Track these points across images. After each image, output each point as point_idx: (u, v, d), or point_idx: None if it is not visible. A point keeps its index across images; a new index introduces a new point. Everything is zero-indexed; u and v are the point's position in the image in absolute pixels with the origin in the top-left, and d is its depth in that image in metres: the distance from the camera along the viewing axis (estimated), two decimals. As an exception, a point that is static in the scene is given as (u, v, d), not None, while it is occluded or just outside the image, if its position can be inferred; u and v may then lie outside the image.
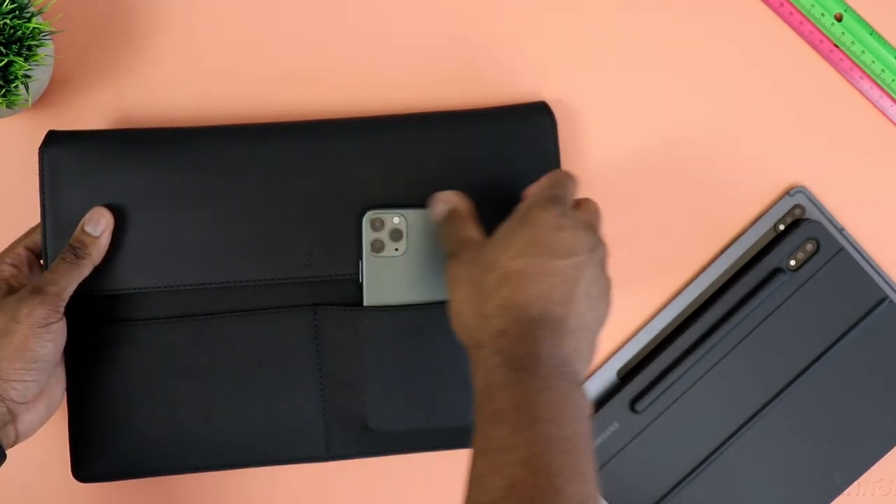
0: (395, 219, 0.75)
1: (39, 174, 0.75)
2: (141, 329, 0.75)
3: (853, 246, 0.81)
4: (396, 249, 0.75)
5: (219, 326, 0.76)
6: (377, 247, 0.75)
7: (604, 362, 0.82)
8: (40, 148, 0.75)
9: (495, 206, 0.76)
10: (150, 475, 0.76)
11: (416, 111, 0.80)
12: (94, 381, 0.75)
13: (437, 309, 0.76)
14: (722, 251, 0.82)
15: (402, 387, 0.76)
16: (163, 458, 0.76)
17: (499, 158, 0.77)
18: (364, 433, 0.77)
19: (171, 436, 0.76)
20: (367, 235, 0.75)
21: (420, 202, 0.76)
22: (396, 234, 0.75)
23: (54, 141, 0.75)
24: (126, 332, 0.75)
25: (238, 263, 0.75)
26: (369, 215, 0.75)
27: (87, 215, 0.73)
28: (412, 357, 0.76)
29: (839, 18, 0.82)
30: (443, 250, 0.71)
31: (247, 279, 0.75)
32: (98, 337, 0.75)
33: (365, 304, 0.75)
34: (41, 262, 0.76)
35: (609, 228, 0.82)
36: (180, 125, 0.80)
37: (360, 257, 0.75)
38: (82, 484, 0.80)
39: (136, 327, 0.75)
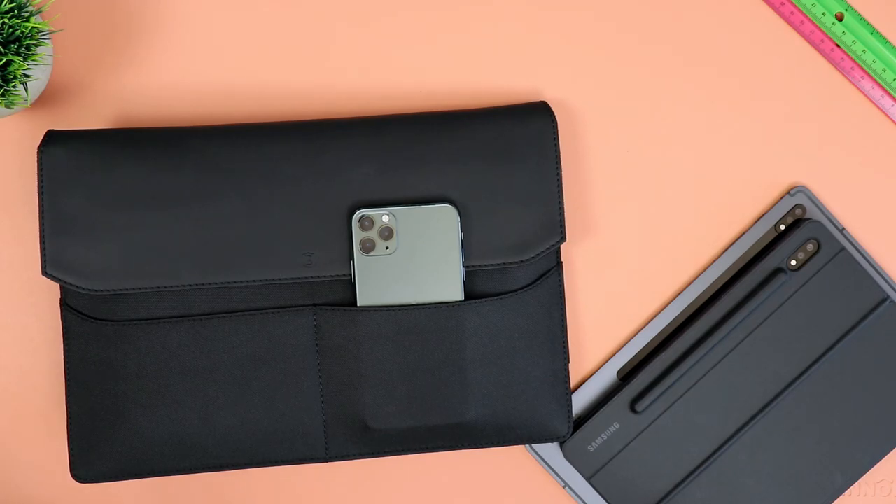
0: (384, 217, 0.75)
1: (38, 174, 0.75)
2: (140, 329, 0.75)
3: (854, 246, 0.81)
4: (387, 248, 0.75)
5: (218, 327, 0.76)
6: (367, 246, 0.75)
7: (604, 362, 0.82)
8: (39, 147, 0.75)
9: (494, 206, 0.76)
10: (149, 476, 0.76)
11: (416, 111, 0.80)
12: (93, 381, 0.75)
13: (436, 309, 0.76)
14: (722, 251, 0.82)
15: (402, 387, 0.76)
16: (161, 458, 0.76)
17: (499, 158, 0.77)
18: (364, 433, 0.77)
19: (170, 436, 0.76)
20: (357, 235, 0.75)
21: (415, 201, 0.76)
22: (387, 233, 0.75)
23: (53, 140, 0.75)
24: (125, 332, 0.75)
25: (237, 263, 0.75)
26: (358, 214, 0.75)
27: None
28: (411, 357, 0.76)
29: (840, 18, 0.82)
30: None
31: (246, 279, 0.75)
32: (97, 337, 0.75)
33: (359, 304, 0.75)
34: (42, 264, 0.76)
35: (609, 228, 0.82)
36: (180, 125, 0.80)
37: (351, 257, 0.75)
38: (81, 484, 0.80)
39: (136, 327, 0.75)
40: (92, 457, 0.76)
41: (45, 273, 0.74)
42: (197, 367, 0.76)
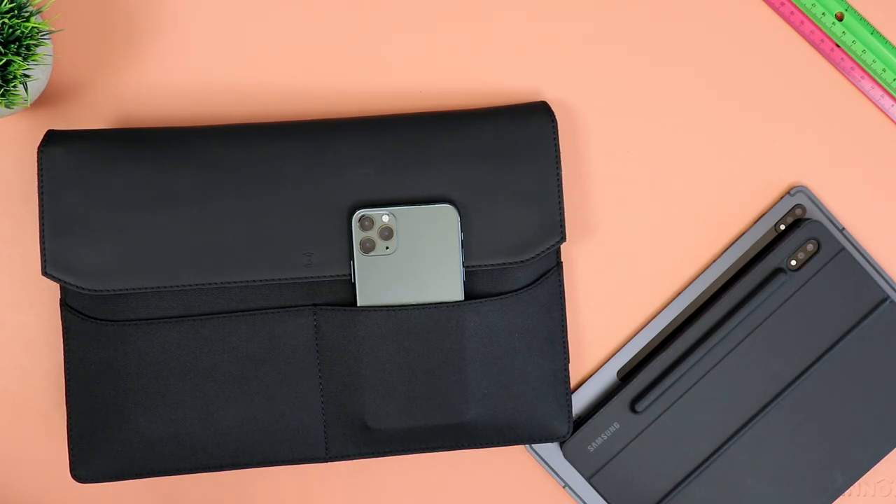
0: (384, 217, 0.75)
1: (38, 174, 0.75)
2: (140, 329, 0.75)
3: (854, 246, 0.81)
4: (387, 248, 0.75)
5: (218, 327, 0.76)
6: (367, 246, 0.75)
7: (604, 362, 0.82)
8: (39, 147, 0.75)
9: (494, 206, 0.76)
10: (149, 476, 0.76)
11: (416, 111, 0.80)
12: (93, 381, 0.75)
13: (436, 309, 0.76)
14: (722, 251, 0.82)
15: (402, 387, 0.76)
16: (161, 458, 0.76)
17: (499, 158, 0.77)
18: (363, 433, 0.77)
19: (170, 436, 0.76)
20: (357, 235, 0.75)
21: (415, 201, 0.76)
22: (387, 233, 0.75)
23: (53, 140, 0.75)
24: (125, 332, 0.75)
25: (237, 263, 0.75)
26: (358, 214, 0.75)
27: None
28: (411, 357, 0.76)
29: (840, 18, 0.82)
30: None
31: (246, 279, 0.75)
32: (97, 337, 0.75)
33: (359, 304, 0.75)
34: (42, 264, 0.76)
35: (610, 228, 0.82)
36: (180, 125, 0.80)
37: (351, 257, 0.75)
38: (81, 484, 0.80)
39: (136, 327, 0.75)
40: (92, 457, 0.76)
41: (45, 273, 0.74)
42: (197, 367, 0.76)
